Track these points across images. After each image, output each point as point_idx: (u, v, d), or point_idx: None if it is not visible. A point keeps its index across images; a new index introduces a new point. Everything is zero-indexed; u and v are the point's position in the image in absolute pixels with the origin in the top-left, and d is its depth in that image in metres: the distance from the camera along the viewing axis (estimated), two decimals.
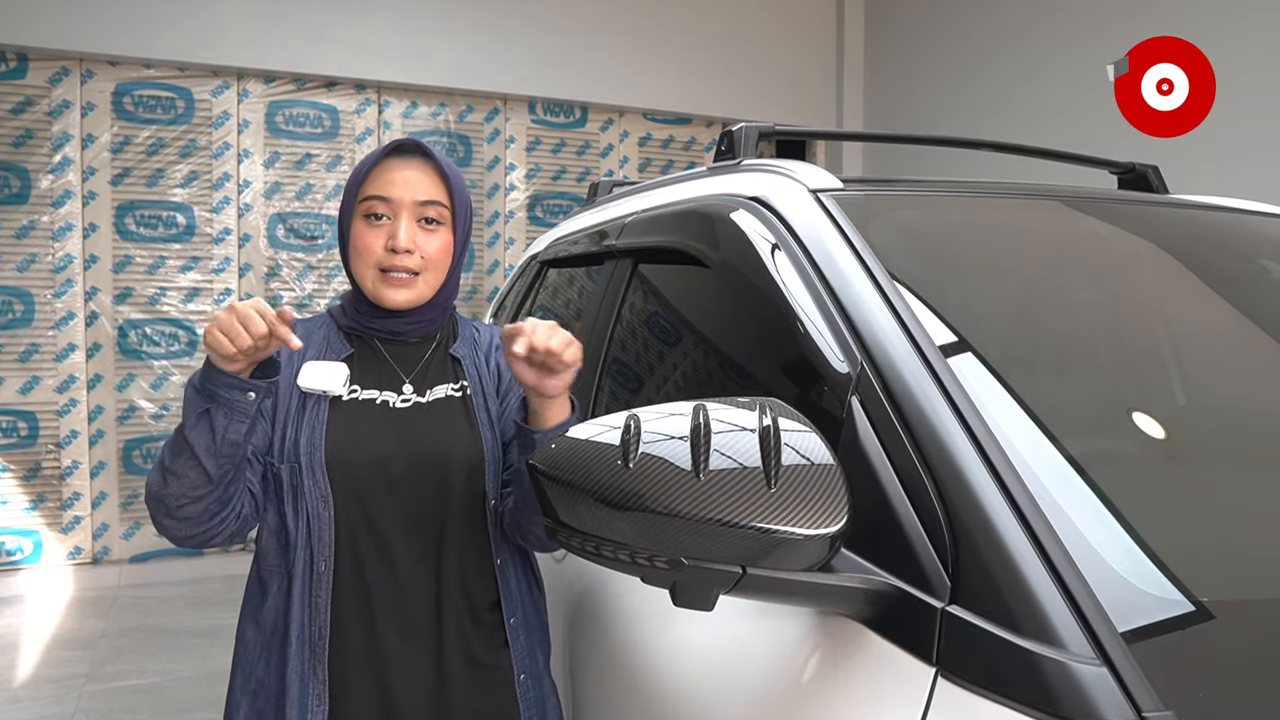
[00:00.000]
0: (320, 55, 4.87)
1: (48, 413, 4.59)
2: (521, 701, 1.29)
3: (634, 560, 0.79)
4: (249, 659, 1.28)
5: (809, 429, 0.81)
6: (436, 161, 1.30)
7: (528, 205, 5.52)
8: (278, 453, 1.25)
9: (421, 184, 1.27)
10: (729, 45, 5.73)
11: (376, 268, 1.26)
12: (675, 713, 1.06)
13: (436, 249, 1.28)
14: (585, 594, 1.41)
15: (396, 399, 1.28)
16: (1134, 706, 0.64)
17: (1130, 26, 4.15)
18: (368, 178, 1.27)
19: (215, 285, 4.86)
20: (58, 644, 3.83)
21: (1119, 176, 1.87)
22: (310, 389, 1.22)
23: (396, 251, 1.25)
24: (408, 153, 1.29)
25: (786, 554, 0.76)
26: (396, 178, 1.26)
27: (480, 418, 1.30)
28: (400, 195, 1.26)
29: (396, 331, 1.31)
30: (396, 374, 1.30)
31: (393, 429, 1.26)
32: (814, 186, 1.25)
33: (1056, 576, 0.72)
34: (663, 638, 1.14)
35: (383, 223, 1.26)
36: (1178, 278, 1.37)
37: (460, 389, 1.32)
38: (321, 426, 1.23)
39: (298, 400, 1.25)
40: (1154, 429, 1.07)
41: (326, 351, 1.30)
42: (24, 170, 4.49)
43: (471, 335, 1.39)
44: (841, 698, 0.82)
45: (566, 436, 0.86)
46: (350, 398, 1.27)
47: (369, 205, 1.27)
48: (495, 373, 1.36)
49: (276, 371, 1.18)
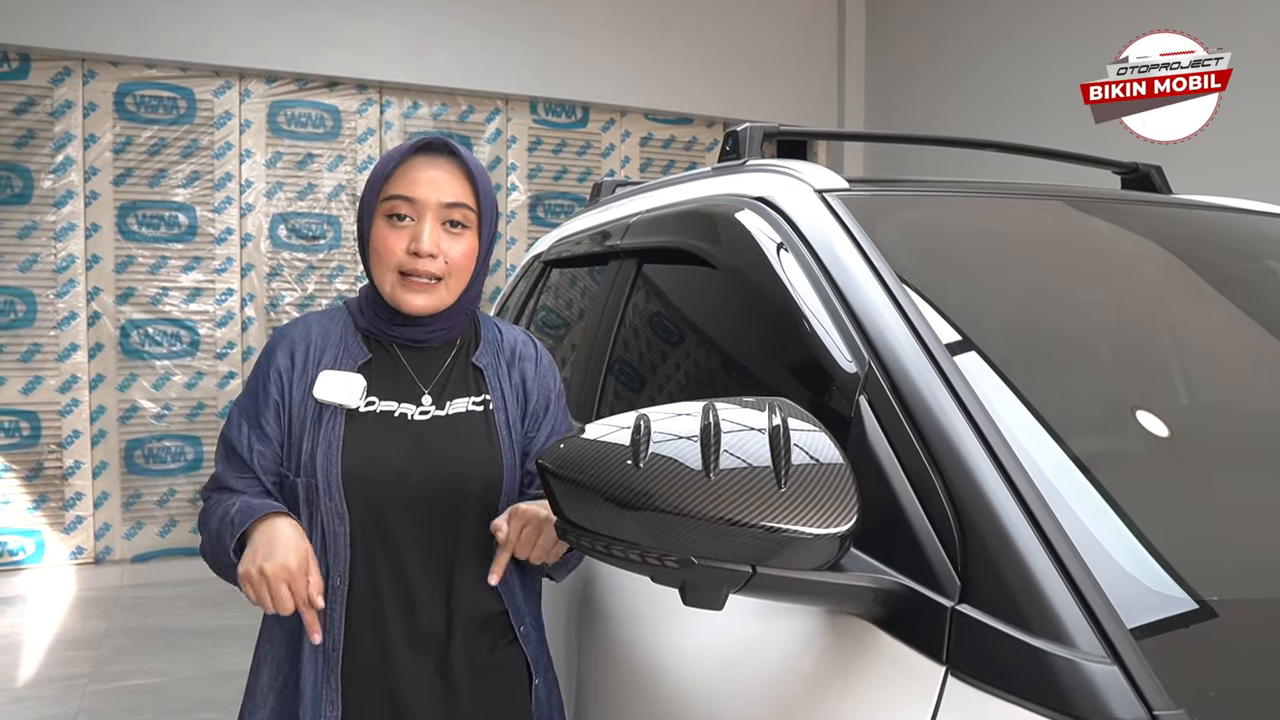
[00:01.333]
0: (322, 55, 4.87)
1: (50, 413, 4.59)
2: (536, 707, 1.29)
3: (644, 560, 0.79)
4: (275, 655, 1.27)
5: (818, 429, 0.81)
6: (464, 161, 1.24)
7: (529, 205, 5.52)
8: (293, 465, 1.22)
9: (448, 185, 1.21)
10: (730, 45, 5.73)
11: (397, 271, 1.21)
12: (682, 713, 1.06)
13: (461, 253, 1.23)
14: (590, 594, 1.42)
15: (415, 411, 1.24)
16: (1145, 705, 0.64)
17: (1130, 22, 4.15)
18: (392, 176, 1.22)
19: (217, 285, 4.86)
20: (60, 644, 3.83)
21: (1122, 176, 1.88)
22: (326, 401, 1.20)
23: (419, 255, 1.20)
24: (435, 151, 1.24)
25: (796, 553, 0.76)
26: (422, 177, 1.21)
27: (501, 435, 1.26)
28: (425, 196, 1.20)
29: (417, 339, 1.26)
30: (415, 384, 1.25)
31: (410, 444, 1.22)
32: (820, 187, 1.26)
33: (1066, 575, 0.72)
34: (670, 637, 1.14)
35: (405, 224, 1.21)
36: (1183, 278, 1.37)
37: (482, 403, 1.28)
38: (338, 441, 1.19)
39: (314, 411, 1.21)
40: (1162, 428, 1.07)
41: (343, 355, 1.25)
42: (26, 170, 4.50)
43: (494, 339, 1.34)
44: (851, 697, 0.82)
45: (576, 436, 0.86)
46: (368, 410, 1.22)
47: (392, 205, 1.21)
48: (520, 385, 1.31)
49: None
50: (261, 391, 1.24)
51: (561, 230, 2.51)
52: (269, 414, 1.23)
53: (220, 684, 3.28)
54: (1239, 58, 3.62)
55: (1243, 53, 3.63)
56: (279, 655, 1.27)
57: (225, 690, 1.16)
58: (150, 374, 4.77)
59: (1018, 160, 1.92)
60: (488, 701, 1.26)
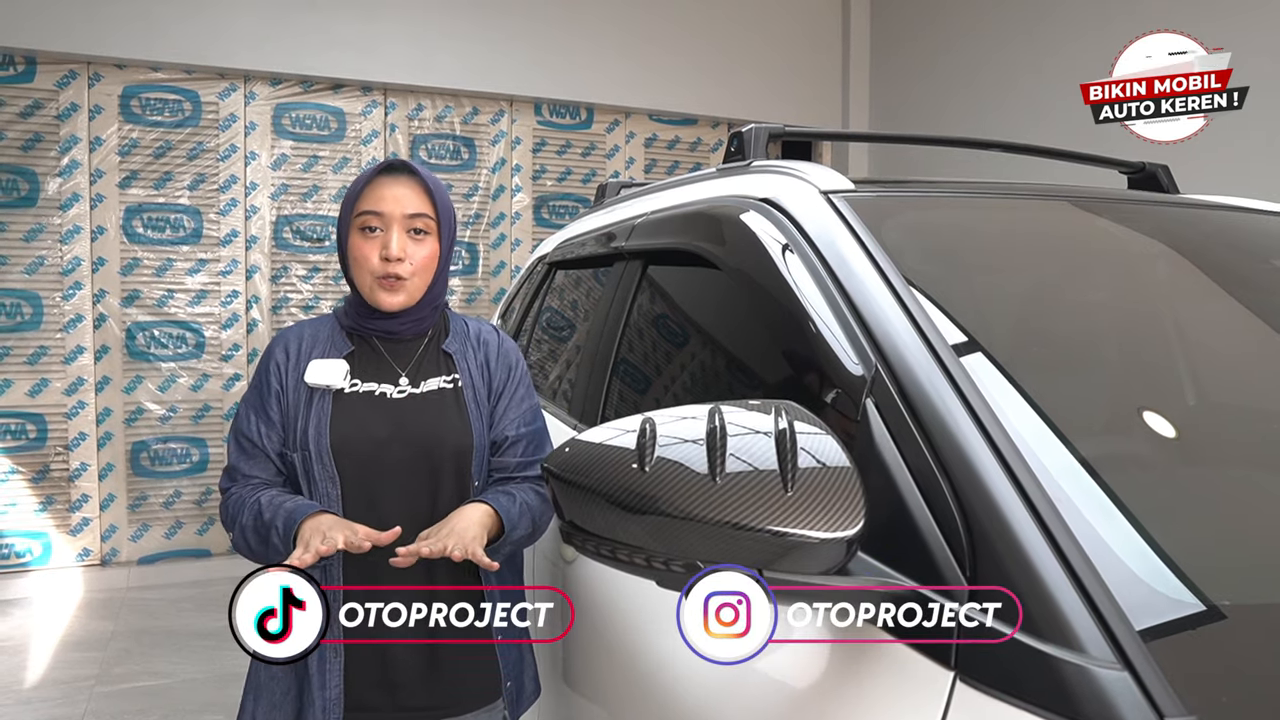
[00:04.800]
0: (326, 57, 4.88)
1: (56, 415, 4.60)
2: (501, 660, 1.45)
3: (650, 564, 0.79)
4: None
5: (825, 432, 0.81)
6: (422, 178, 1.45)
7: (533, 207, 5.52)
8: (291, 442, 1.42)
9: (409, 199, 1.43)
10: (735, 45, 5.73)
11: (373, 275, 1.42)
12: (688, 719, 1.06)
13: (424, 256, 1.44)
14: (594, 596, 1.41)
15: (393, 390, 1.44)
16: (1156, 711, 0.63)
17: (1135, 18, 4.14)
18: (361, 195, 1.43)
19: (223, 287, 4.87)
20: (67, 646, 3.84)
21: (1129, 176, 1.87)
22: (315, 384, 1.42)
23: (390, 259, 1.41)
24: (396, 171, 1.45)
25: (803, 557, 0.76)
26: (387, 194, 1.42)
27: (470, 408, 1.46)
28: (391, 210, 1.42)
29: (392, 330, 1.47)
30: (393, 368, 1.46)
31: (390, 417, 1.42)
32: (825, 188, 1.25)
33: (1075, 579, 0.71)
34: (675, 641, 1.13)
35: (376, 235, 1.43)
36: (1192, 278, 1.36)
37: (452, 381, 1.48)
38: (326, 417, 1.40)
39: (305, 395, 1.42)
40: (1172, 430, 1.06)
41: (330, 348, 1.46)
42: (32, 173, 4.51)
43: (462, 330, 1.55)
44: (859, 702, 0.82)
45: (580, 440, 0.86)
46: (352, 390, 1.43)
47: (364, 219, 1.43)
48: (484, 365, 1.51)
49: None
50: (264, 384, 1.46)
51: (566, 232, 2.51)
52: (271, 401, 1.44)
53: (227, 685, 3.29)
54: (1239, 57, 3.61)
55: (1243, 52, 3.61)
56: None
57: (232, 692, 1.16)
58: (156, 376, 4.78)
59: (1022, 160, 1.91)
60: (465, 654, 1.42)
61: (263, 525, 1.34)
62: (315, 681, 1.37)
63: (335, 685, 1.36)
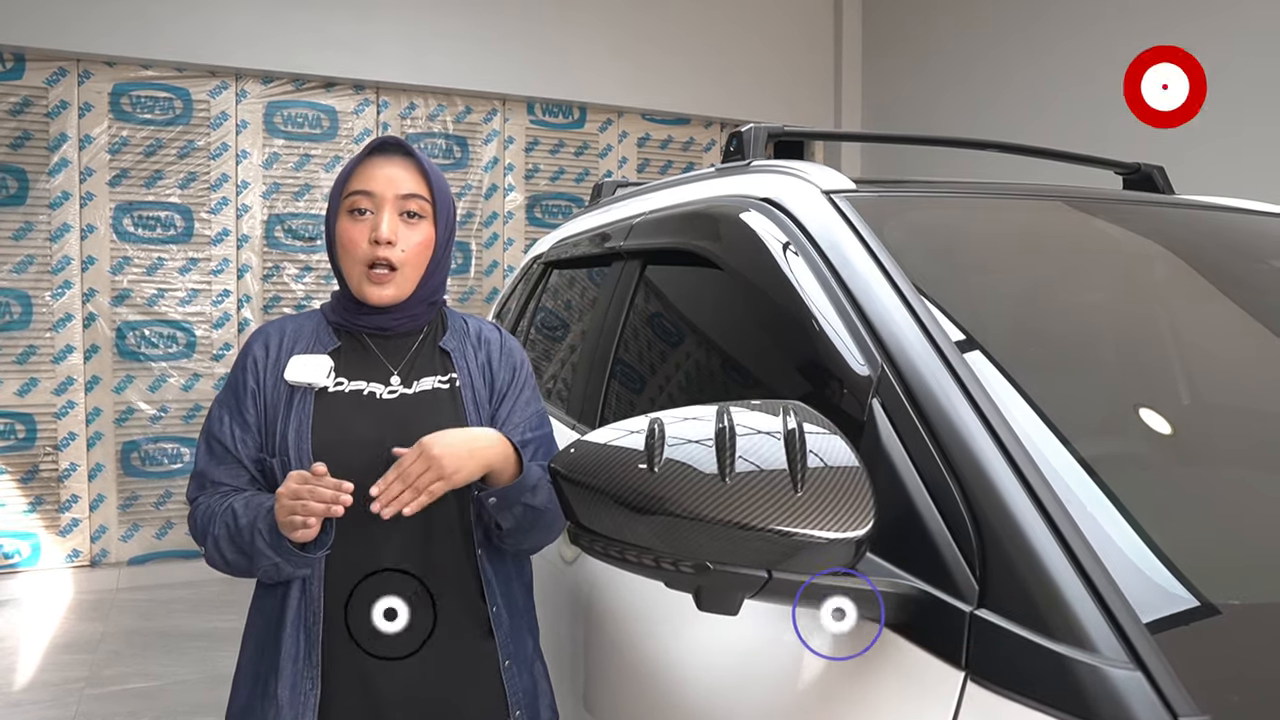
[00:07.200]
0: (318, 56, 4.85)
1: (45, 415, 4.57)
2: (508, 688, 1.32)
3: (658, 565, 0.78)
4: (254, 642, 1.31)
5: (833, 432, 0.81)
6: (417, 158, 1.33)
7: (526, 206, 5.51)
8: (269, 446, 1.28)
9: (403, 178, 1.31)
10: (727, 45, 5.73)
11: (362, 264, 1.30)
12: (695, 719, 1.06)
13: (418, 242, 1.32)
14: (598, 597, 1.41)
15: (383, 390, 1.31)
16: (1169, 710, 0.63)
17: (1128, 17, 4.16)
18: (351, 176, 1.32)
19: (214, 286, 4.85)
20: (57, 647, 3.81)
21: (1124, 176, 1.87)
22: (296, 382, 1.27)
23: (379, 243, 1.28)
24: (389, 150, 1.33)
25: (812, 558, 0.76)
26: (379, 174, 1.30)
27: (469, 410, 1.33)
28: (383, 190, 1.30)
29: (384, 326, 1.34)
30: (384, 366, 1.33)
31: (379, 419, 1.28)
32: (827, 188, 1.25)
33: (1086, 579, 0.71)
34: (681, 641, 1.13)
35: (366, 217, 1.30)
36: (1192, 278, 1.36)
37: (449, 381, 1.35)
38: (308, 419, 1.26)
39: (285, 394, 1.28)
40: (1180, 430, 1.07)
41: (315, 345, 1.33)
42: (21, 171, 4.47)
43: (461, 328, 1.43)
44: (869, 702, 0.82)
45: (586, 440, 0.85)
46: (337, 389, 1.30)
47: (353, 200, 1.30)
48: (486, 364, 1.39)
49: (330, 535, 1.21)
50: (240, 382, 1.32)
51: (562, 231, 2.50)
52: (247, 401, 1.30)
53: (218, 687, 3.26)
54: (1239, 56, 3.63)
55: (1243, 51, 3.63)
56: (257, 641, 1.30)
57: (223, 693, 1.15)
58: (146, 376, 4.75)
59: (1015, 160, 1.92)
60: (465, 682, 1.29)
61: (239, 532, 1.20)
62: (287, 715, 1.23)
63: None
